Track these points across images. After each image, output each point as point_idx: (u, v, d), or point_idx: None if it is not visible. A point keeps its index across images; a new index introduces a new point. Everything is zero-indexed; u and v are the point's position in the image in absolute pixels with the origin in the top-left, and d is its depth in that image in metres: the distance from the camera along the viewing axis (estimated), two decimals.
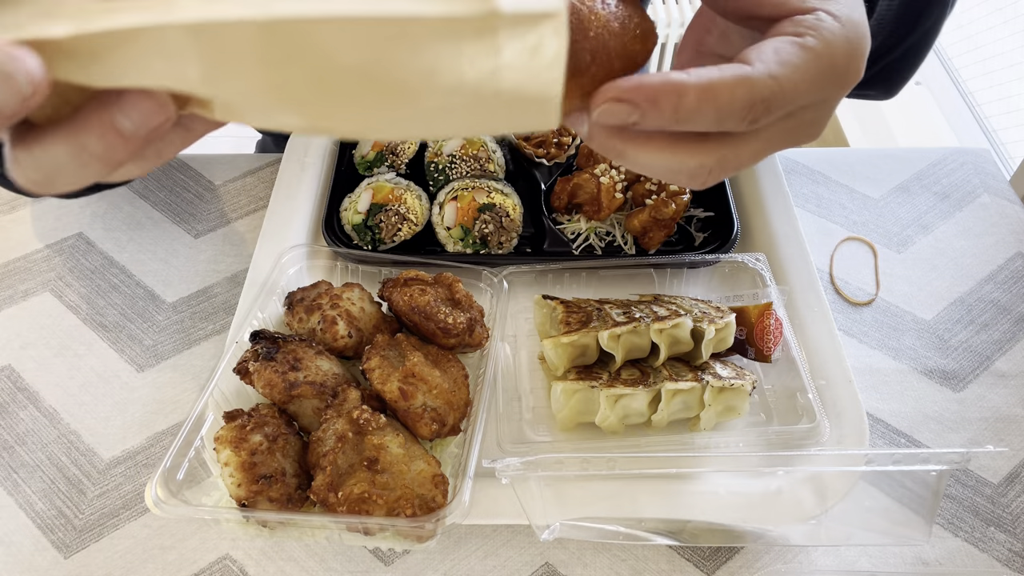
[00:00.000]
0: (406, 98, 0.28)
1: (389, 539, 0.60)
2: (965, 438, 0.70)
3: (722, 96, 0.32)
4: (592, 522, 0.59)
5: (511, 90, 0.27)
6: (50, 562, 0.63)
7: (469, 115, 0.29)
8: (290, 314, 0.71)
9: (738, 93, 0.32)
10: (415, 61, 0.26)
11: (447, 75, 0.27)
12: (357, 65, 0.27)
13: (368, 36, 0.26)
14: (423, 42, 0.26)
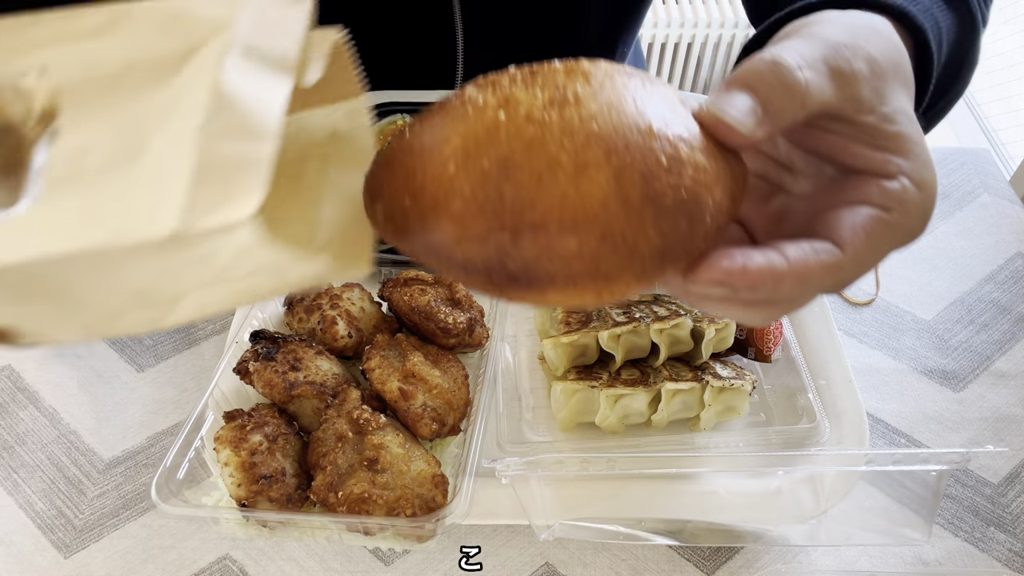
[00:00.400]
0: (164, 301, 0.29)
1: (389, 539, 0.60)
2: (965, 438, 0.70)
3: (814, 281, 0.33)
4: (592, 522, 0.59)
5: (252, 271, 0.28)
6: (50, 562, 0.63)
7: (248, 286, 0.30)
8: (290, 314, 0.71)
9: (828, 279, 0.33)
10: (140, 276, 0.27)
11: (185, 277, 0.28)
12: (97, 287, 0.28)
13: (86, 266, 0.27)
14: (135, 262, 0.26)
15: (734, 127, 0.31)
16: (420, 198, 0.30)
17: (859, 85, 0.34)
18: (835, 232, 0.34)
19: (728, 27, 2.14)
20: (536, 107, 0.29)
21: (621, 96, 0.30)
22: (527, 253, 0.29)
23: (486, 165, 0.29)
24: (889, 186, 0.34)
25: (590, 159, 0.28)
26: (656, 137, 0.29)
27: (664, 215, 0.29)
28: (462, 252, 0.30)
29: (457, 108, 0.31)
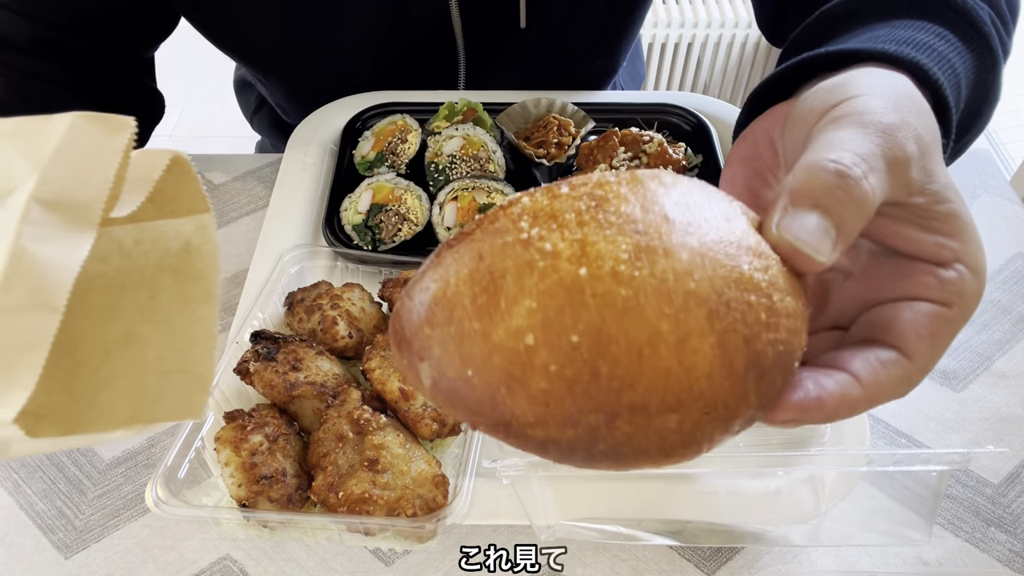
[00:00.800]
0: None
1: (389, 539, 0.60)
2: (965, 438, 0.70)
3: (885, 399, 0.32)
4: (592, 523, 0.59)
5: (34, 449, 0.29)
6: (50, 562, 0.63)
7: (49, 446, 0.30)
8: (290, 314, 0.71)
9: (899, 391, 0.32)
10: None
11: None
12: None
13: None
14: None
15: (814, 256, 0.29)
16: (486, 369, 0.26)
17: (910, 169, 0.32)
18: (899, 338, 0.33)
19: (728, 27, 2.14)
20: (622, 261, 0.25)
21: (706, 235, 0.27)
22: (620, 434, 0.26)
23: (575, 339, 0.25)
24: (946, 276, 0.33)
25: (693, 327, 0.25)
26: (752, 287, 0.27)
27: (764, 376, 0.27)
28: (542, 432, 0.27)
29: (519, 252, 0.26)
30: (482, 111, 0.88)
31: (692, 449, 0.28)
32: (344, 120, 0.91)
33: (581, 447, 0.27)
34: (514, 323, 0.25)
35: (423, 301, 0.28)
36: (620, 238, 0.26)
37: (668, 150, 0.81)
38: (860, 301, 0.36)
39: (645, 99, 0.94)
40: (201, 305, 0.35)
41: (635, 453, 0.27)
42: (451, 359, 0.27)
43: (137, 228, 0.33)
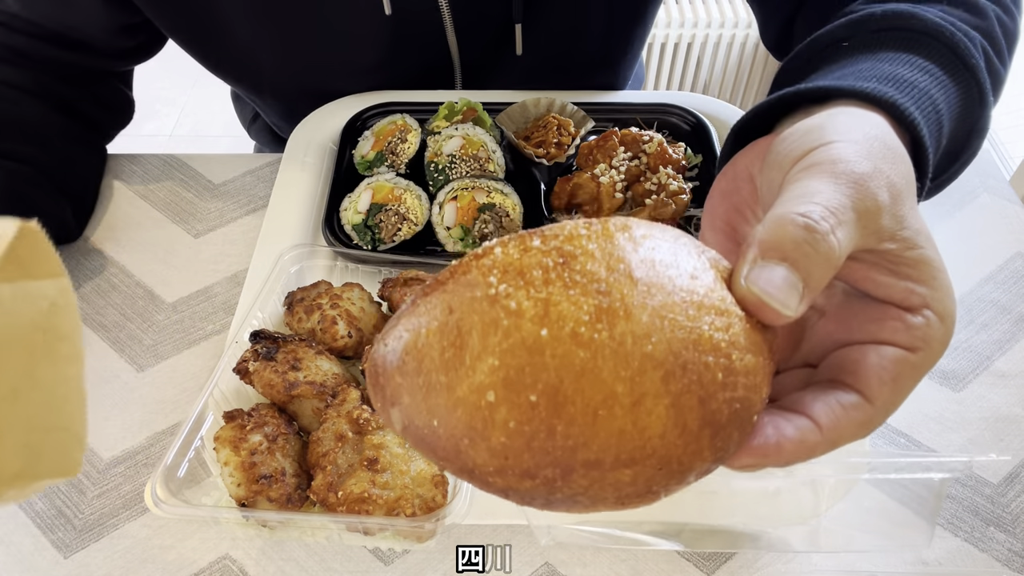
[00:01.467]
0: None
1: (389, 539, 0.60)
2: (965, 438, 0.70)
3: (844, 442, 0.33)
4: (592, 526, 0.59)
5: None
6: (50, 562, 0.63)
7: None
8: (290, 314, 0.71)
9: (859, 434, 0.33)
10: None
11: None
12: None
13: None
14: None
15: (780, 311, 0.30)
16: (450, 421, 0.27)
17: (881, 217, 0.33)
18: (863, 382, 0.33)
19: (728, 27, 2.14)
20: (582, 323, 0.26)
21: (670, 295, 0.28)
22: (576, 486, 0.27)
23: (533, 398, 0.26)
24: (914, 322, 0.33)
25: (648, 389, 0.26)
26: (710, 348, 0.27)
27: (719, 433, 0.28)
28: (502, 481, 0.28)
29: (484, 308, 0.27)
30: (482, 111, 0.88)
31: (647, 498, 0.29)
32: (344, 120, 0.91)
33: (540, 496, 0.28)
34: (477, 379, 0.27)
35: (396, 349, 0.29)
36: (583, 299, 0.27)
37: (668, 150, 0.81)
38: (831, 340, 0.36)
39: (645, 99, 0.94)
40: (70, 365, 0.36)
41: (591, 502, 0.28)
42: (419, 408, 0.28)
43: (11, 286, 0.34)
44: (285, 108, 1.02)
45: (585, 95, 0.95)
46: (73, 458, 0.36)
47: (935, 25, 0.48)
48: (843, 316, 0.36)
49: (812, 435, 0.32)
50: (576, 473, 0.27)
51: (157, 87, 2.63)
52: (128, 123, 0.98)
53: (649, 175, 0.81)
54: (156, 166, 0.94)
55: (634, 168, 0.81)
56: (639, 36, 0.97)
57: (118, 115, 0.96)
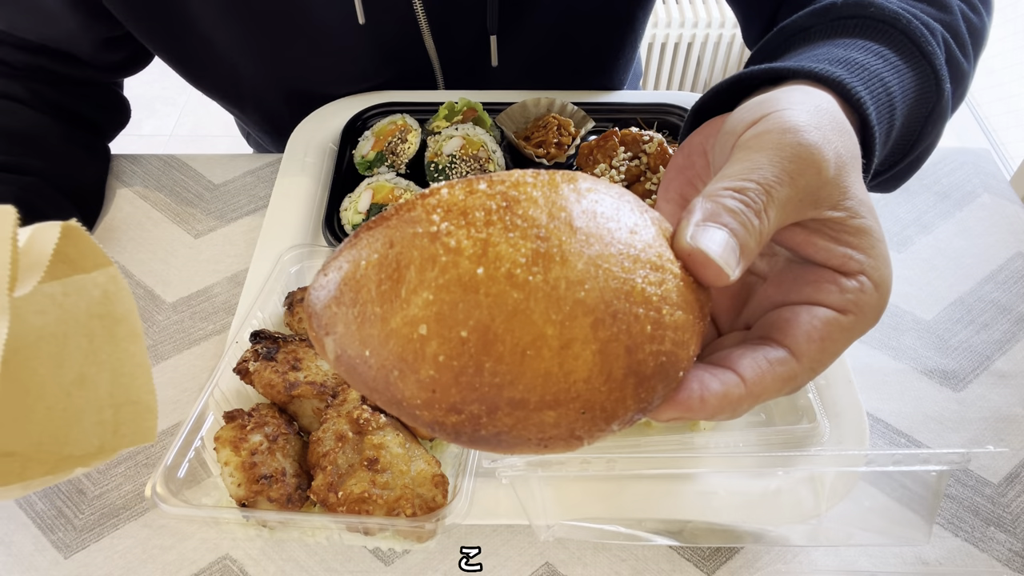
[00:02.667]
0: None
1: (389, 539, 0.60)
2: (965, 438, 0.70)
3: (769, 394, 0.33)
4: (592, 522, 0.59)
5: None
6: (50, 562, 0.63)
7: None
8: (290, 314, 0.71)
9: (784, 389, 0.34)
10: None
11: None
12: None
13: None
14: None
15: (723, 268, 0.31)
16: (382, 352, 0.28)
17: (825, 187, 0.34)
18: (791, 338, 0.34)
19: (728, 27, 2.14)
20: (519, 264, 0.27)
21: (607, 246, 0.28)
22: (501, 424, 0.28)
23: (464, 334, 0.26)
24: (848, 285, 0.35)
25: (577, 334, 0.27)
26: (642, 301, 0.28)
27: (644, 383, 0.29)
28: (429, 415, 0.28)
29: (425, 244, 0.28)
30: (482, 111, 0.88)
31: (571, 443, 0.30)
32: (344, 120, 0.91)
33: (465, 432, 0.29)
34: (411, 312, 0.27)
35: (334, 279, 0.30)
36: (521, 242, 0.27)
37: (668, 150, 0.81)
38: (769, 302, 0.37)
39: (645, 99, 0.94)
40: (131, 343, 0.39)
41: (515, 441, 0.29)
42: (352, 338, 0.28)
43: (61, 283, 0.37)
44: (268, 121, 1.02)
45: (585, 95, 0.95)
46: (147, 426, 0.38)
47: (892, 13, 0.50)
48: (782, 280, 0.38)
49: (736, 389, 0.32)
50: (501, 411, 0.27)
51: (157, 87, 2.63)
52: (126, 123, 0.98)
53: (649, 175, 0.81)
54: (156, 166, 0.94)
55: (634, 168, 0.81)
56: (631, 41, 0.97)
57: (116, 115, 0.96)
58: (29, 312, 0.33)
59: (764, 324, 0.36)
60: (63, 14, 0.80)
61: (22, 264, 0.33)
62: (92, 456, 0.36)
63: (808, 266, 0.36)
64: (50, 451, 0.34)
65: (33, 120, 0.83)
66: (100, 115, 0.92)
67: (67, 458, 0.35)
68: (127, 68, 0.93)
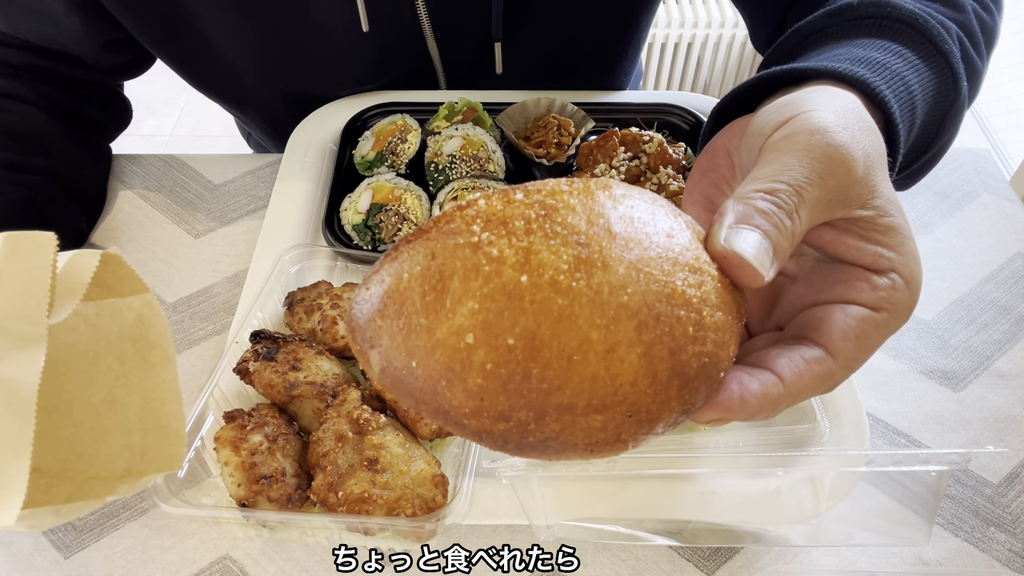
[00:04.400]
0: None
1: (389, 539, 0.60)
2: (965, 438, 0.70)
3: (808, 393, 0.34)
4: (592, 522, 0.59)
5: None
6: (50, 562, 0.63)
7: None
8: (290, 314, 0.71)
9: (822, 388, 0.34)
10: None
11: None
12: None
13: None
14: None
15: (758, 269, 0.31)
16: (428, 363, 0.28)
17: (854, 186, 0.34)
18: (827, 337, 0.34)
19: (728, 27, 2.14)
20: (561, 271, 0.27)
21: (646, 250, 0.28)
22: (549, 430, 0.28)
23: (511, 341, 0.27)
24: (880, 283, 0.35)
25: (621, 338, 0.27)
26: (683, 303, 0.28)
27: (688, 385, 0.29)
28: (478, 423, 0.28)
29: (467, 254, 0.28)
30: (482, 111, 0.88)
31: (616, 447, 0.30)
32: (344, 120, 0.91)
33: (512, 439, 0.29)
34: (457, 322, 0.27)
35: (377, 293, 0.30)
36: (563, 249, 0.27)
37: (668, 150, 0.81)
38: (801, 303, 0.38)
39: (645, 99, 0.94)
40: (163, 369, 0.39)
41: (562, 447, 0.29)
42: (398, 350, 0.29)
43: (95, 304, 0.37)
44: (268, 123, 1.02)
45: (585, 95, 0.95)
46: (174, 453, 0.38)
47: (909, 13, 0.50)
48: (813, 280, 0.38)
49: (775, 388, 0.33)
50: (549, 417, 0.28)
51: (157, 87, 2.63)
52: (128, 124, 0.98)
53: (649, 175, 0.81)
54: (156, 166, 0.94)
55: (634, 168, 0.81)
56: (635, 42, 0.97)
57: (118, 116, 0.96)
58: (61, 330, 0.33)
59: (798, 324, 0.36)
60: (66, 16, 0.80)
61: (59, 290, 0.33)
62: (118, 480, 0.36)
63: (839, 265, 0.36)
64: (76, 470, 0.34)
65: (38, 120, 0.83)
66: (102, 116, 0.93)
67: (93, 478, 0.35)
68: (129, 71, 0.93)
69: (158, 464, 0.38)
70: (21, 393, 0.30)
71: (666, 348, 0.28)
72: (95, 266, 0.34)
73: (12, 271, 0.31)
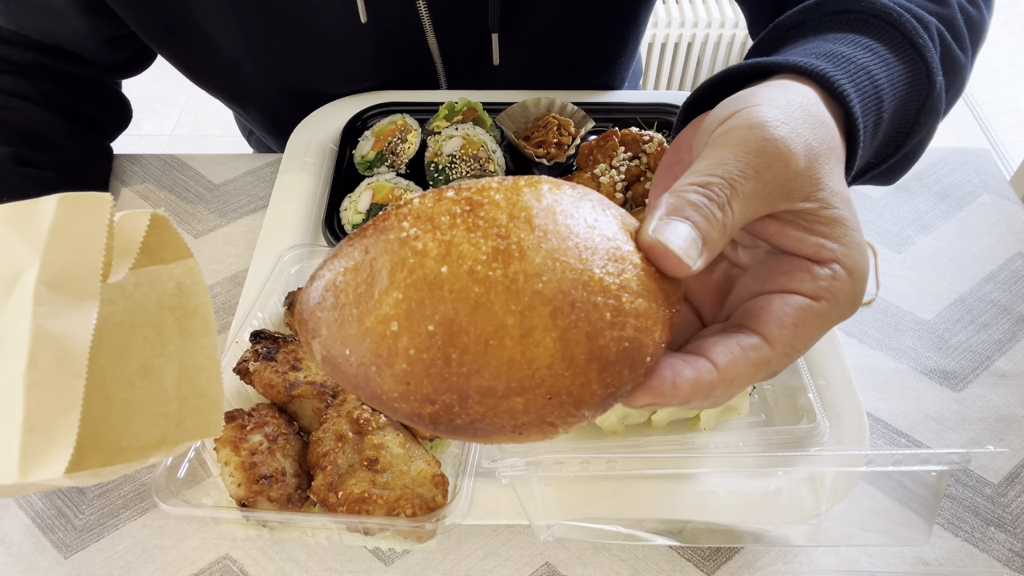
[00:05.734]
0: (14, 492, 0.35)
1: (389, 539, 0.60)
2: (965, 438, 0.70)
3: (743, 380, 0.34)
4: (592, 522, 0.59)
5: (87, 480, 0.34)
6: (50, 562, 0.63)
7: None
8: (290, 314, 0.71)
9: (758, 375, 0.34)
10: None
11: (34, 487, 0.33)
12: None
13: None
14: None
15: (683, 259, 0.32)
16: (360, 351, 0.30)
17: (794, 179, 0.35)
18: (763, 325, 0.35)
19: (728, 27, 2.14)
20: (480, 261, 0.29)
21: (564, 241, 0.30)
22: (474, 412, 0.29)
23: (431, 328, 0.28)
24: (820, 273, 0.35)
25: (536, 322, 0.28)
26: (600, 290, 0.29)
27: (608, 368, 0.30)
28: (407, 407, 0.30)
29: (395, 248, 0.30)
30: (482, 111, 0.88)
31: (545, 429, 0.31)
32: (344, 120, 0.91)
33: (442, 422, 0.30)
34: (383, 311, 0.29)
35: (319, 287, 0.32)
36: (482, 241, 0.29)
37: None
38: (748, 293, 0.38)
39: (645, 99, 0.94)
40: (202, 337, 0.39)
41: (491, 429, 0.30)
42: (334, 339, 0.31)
43: (134, 273, 0.37)
44: (269, 120, 1.02)
45: (585, 95, 0.95)
46: (212, 420, 0.39)
47: (882, 7, 0.50)
48: (760, 271, 0.38)
49: (708, 375, 0.33)
50: (471, 399, 0.29)
51: (157, 87, 2.63)
52: (128, 123, 0.98)
53: (649, 175, 0.81)
54: (156, 166, 0.94)
55: (634, 168, 0.81)
56: (633, 36, 0.97)
57: (119, 115, 0.96)
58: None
59: (739, 313, 0.37)
60: (68, 13, 0.80)
61: (116, 250, 0.34)
62: (153, 448, 0.36)
63: (783, 256, 0.37)
64: (107, 442, 0.35)
65: (42, 118, 0.84)
66: (103, 114, 0.93)
67: (125, 449, 0.35)
68: (130, 68, 0.93)
69: (194, 432, 0.38)
70: (73, 349, 0.30)
71: (582, 332, 0.29)
72: (145, 227, 0.35)
73: (68, 230, 0.32)
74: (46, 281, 0.31)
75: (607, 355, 0.30)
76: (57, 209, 0.32)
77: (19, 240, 0.32)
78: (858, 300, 0.36)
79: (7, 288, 0.32)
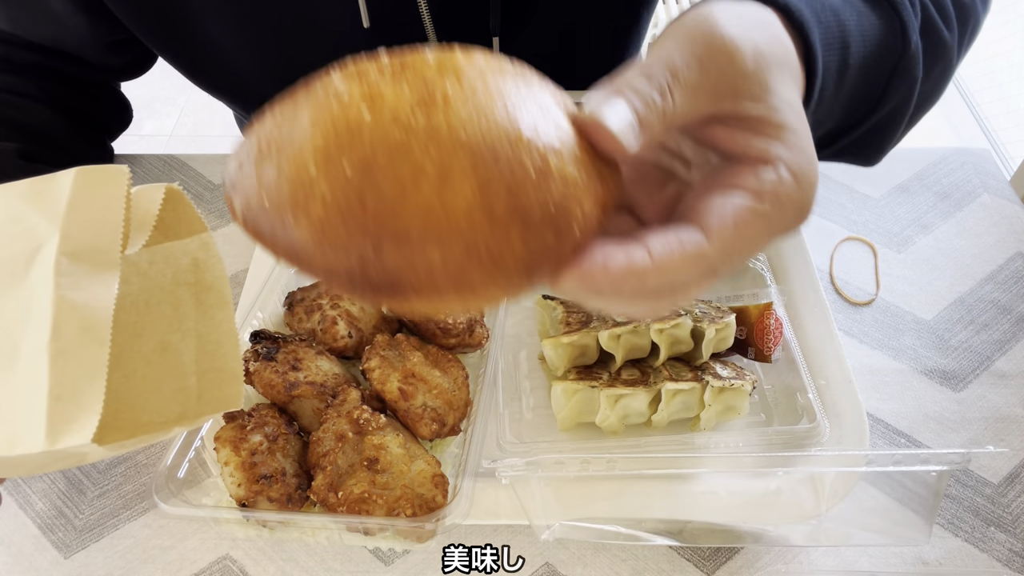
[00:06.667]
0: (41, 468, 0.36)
1: (389, 539, 0.60)
2: (965, 438, 0.70)
3: (679, 273, 0.32)
4: (592, 522, 0.59)
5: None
6: (50, 562, 0.63)
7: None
8: (290, 314, 0.71)
9: (694, 270, 0.33)
10: (26, 461, 0.33)
11: (64, 462, 0.35)
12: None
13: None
14: (21, 457, 0.32)
15: (618, 136, 0.31)
16: (278, 198, 0.29)
17: (742, 77, 0.34)
18: (703, 217, 0.33)
19: None
20: (403, 108, 0.28)
21: (493, 100, 0.29)
22: (389, 264, 0.28)
23: (348, 170, 0.28)
24: (764, 173, 0.34)
25: (455, 169, 0.27)
26: (526, 148, 0.28)
27: (531, 229, 0.29)
28: (322, 257, 0.29)
29: (321, 99, 0.29)
30: None
31: (463, 293, 0.29)
32: None
33: (359, 277, 0.29)
34: (302, 157, 0.28)
35: (244, 143, 0.31)
36: (408, 91, 0.28)
37: None
38: (694, 200, 0.37)
39: None
40: (219, 311, 0.39)
41: (408, 287, 0.29)
42: (254, 190, 0.30)
43: (148, 251, 0.37)
44: None
45: (586, 95, 0.95)
46: (231, 393, 0.39)
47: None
48: (706, 179, 0.38)
49: (642, 261, 0.32)
50: (386, 248, 0.28)
51: (157, 87, 2.63)
52: (129, 124, 0.98)
53: None
54: (156, 166, 0.94)
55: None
56: (635, 39, 0.97)
57: (119, 115, 0.96)
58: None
59: (680, 209, 0.37)
60: (69, 16, 0.80)
61: (133, 222, 0.34)
62: (174, 422, 0.36)
63: (731, 162, 0.36)
64: (127, 419, 0.35)
65: (45, 116, 0.84)
66: (105, 114, 0.93)
67: (145, 424, 0.35)
68: (132, 71, 0.93)
69: (214, 405, 0.38)
70: (96, 317, 0.31)
71: (503, 186, 0.28)
72: (160, 200, 0.35)
73: (86, 202, 0.32)
74: (67, 252, 0.31)
75: (531, 215, 0.28)
76: (75, 182, 0.32)
77: (37, 215, 0.32)
78: (805, 210, 0.35)
79: (28, 262, 0.32)
